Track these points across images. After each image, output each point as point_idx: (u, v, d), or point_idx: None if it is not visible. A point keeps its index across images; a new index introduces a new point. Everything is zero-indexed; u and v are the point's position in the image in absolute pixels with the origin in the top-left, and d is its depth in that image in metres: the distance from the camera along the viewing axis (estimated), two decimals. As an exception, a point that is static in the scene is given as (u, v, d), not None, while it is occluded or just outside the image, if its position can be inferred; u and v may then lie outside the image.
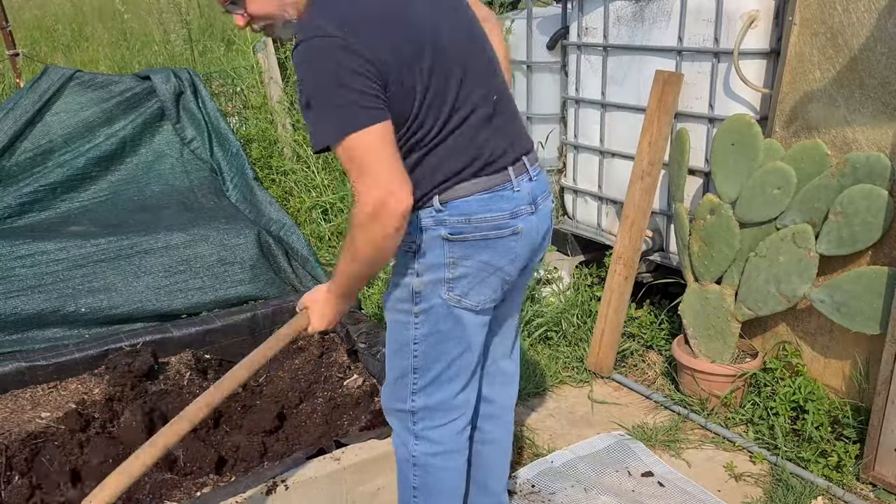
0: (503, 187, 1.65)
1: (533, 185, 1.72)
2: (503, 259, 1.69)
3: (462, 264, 1.66)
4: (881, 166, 2.39)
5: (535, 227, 1.73)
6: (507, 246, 1.68)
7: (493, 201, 1.64)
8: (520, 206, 1.68)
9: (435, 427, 1.82)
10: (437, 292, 1.68)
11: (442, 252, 1.65)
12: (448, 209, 1.63)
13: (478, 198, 1.63)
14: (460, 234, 1.64)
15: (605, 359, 3.18)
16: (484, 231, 1.64)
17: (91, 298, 2.90)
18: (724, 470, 2.59)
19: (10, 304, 2.78)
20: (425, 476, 1.85)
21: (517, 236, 1.68)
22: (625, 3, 3.23)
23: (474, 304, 1.70)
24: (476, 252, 1.65)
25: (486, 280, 1.69)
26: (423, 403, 1.79)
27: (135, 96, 3.62)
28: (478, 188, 1.63)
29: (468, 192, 1.62)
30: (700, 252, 2.86)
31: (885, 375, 2.36)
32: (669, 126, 3.02)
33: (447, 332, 1.72)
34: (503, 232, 1.66)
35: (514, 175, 1.68)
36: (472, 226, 1.63)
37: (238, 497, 2.07)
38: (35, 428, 2.39)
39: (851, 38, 2.46)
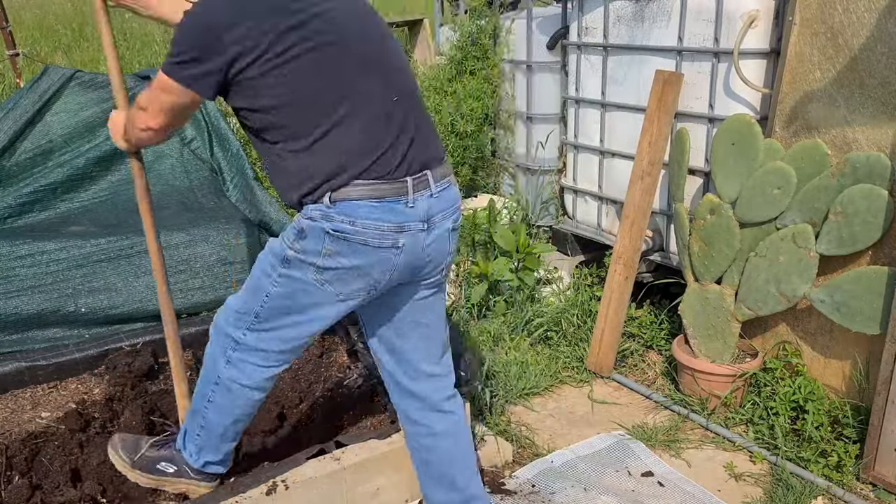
0: (396, 200, 1.66)
1: (431, 202, 1.71)
2: (376, 268, 1.70)
3: (336, 259, 1.69)
4: (881, 166, 2.38)
5: (422, 244, 1.73)
6: (383, 257, 1.69)
7: (381, 211, 1.65)
8: (409, 222, 1.68)
9: (250, 363, 1.89)
10: (305, 270, 1.73)
11: (321, 242, 1.68)
12: (336, 207, 1.65)
13: (368, 203, 1.64)
14: (342, 233, 1.66)
15: (605, 359, 3.18)
16: (365, 237, 1.66)
17: (91, 298, 2.90)
18: (724, 470, 2.59)
19: (10, 304, 2.78)
20: (223, 397, 1.94)
21: (398, 250, 1.69)
22: (625, 3, 3.23)
23: (335, 291, 1.74)
24: (351, 253, 1.68)
25: (354, 279, 1.72)
26: (252, 342, 1.86)
27: (135, 96, 3.60)
28: (371, 194, 1.64)
29: (361, 195, 1.64)
30: (700, 252, 2.86)
31: (885, 375, 2.36)
32: (669, 126, 3.02)
33: (300, 302, 1.77)
34: (383, 242, 1.67)
35: (413, 188, 1.68)
36: (354, 228, 1.65)
37: (238, 497, 2.07)
38: (35, 428, 2.39)
39: (851, 37, 2.46)
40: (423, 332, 1.95)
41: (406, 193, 1.67)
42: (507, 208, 4.02)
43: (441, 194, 1.74)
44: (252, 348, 1.87)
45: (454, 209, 1.79)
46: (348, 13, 1.69)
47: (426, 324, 1.94)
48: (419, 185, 1.69)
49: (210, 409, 1.98)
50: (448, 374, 2.05)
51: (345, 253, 1.68)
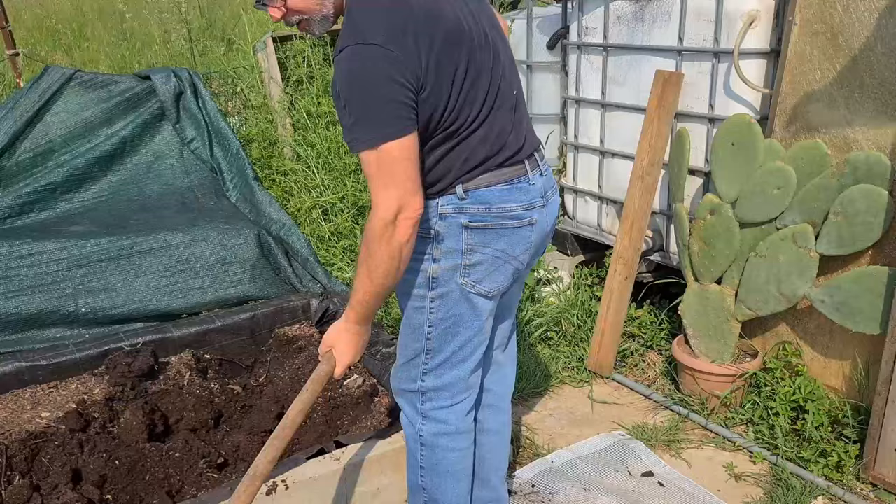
0: (521, 179, 1.72)
1: (544, 180, 1.80)
2: (518, 248, 1.75)
3: (479, 251, 1.71)
4: (881, 166, 2.38)
5: (546, 219, 1.81)
6: (522, 235, 1.74)
7: (511, 192, 1.70)
8: (535, 199, 1.74)
9: (442, 408, 1.85)
10: (453, 278, 1.72)
11: (460, 239, 1.70)
12: (470, 197, 1.68)
13: (499, 188, 1.69)
14: (480, 222, 1.69)
15: (605, 359, 3.18)
16: (503, 220, 1.70)
17: (91, 298, 2.90)
18: (724, 470, 2.59)
19: (10, 304, 2.78)
20: (432, 456, 1.88)
21: (532, 227, 1.75)
22: (625, 3, 3.23)
23: (487, 290, 1.75)
24: (494, 240, 1.71)
25: (500, 267, 1.74)
26: (432, 384, 1.83)
27: (135, 96, 3.62)
28: (499, 179, 1.69)
29: (490, 182, 1.69)
30: (700, 252, 2.86)
31: (885, 375, 2.36)
32: (669, 126, 3.02)
33: (461, 315, 1.76)
34: (520, 222, 1.72)
35: (530, 168, 1.75)
36: (491, 214, 1.69)
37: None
38: (35, 428, 2.39)
39: (852, 37, 2.46)
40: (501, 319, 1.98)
41: (527, 173, 1.74)
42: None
43: (547, 172, 1.83)
44: (437, 390, 1.84)
45: (556, 187, 1.88)
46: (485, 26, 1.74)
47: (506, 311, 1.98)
48: (533, 164, 1.77)
49: (427, 478, 1.92)
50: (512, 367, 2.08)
51: (487, 242, 1.71)
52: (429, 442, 1.88)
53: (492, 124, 1.69)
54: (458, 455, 1.90)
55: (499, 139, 1.70)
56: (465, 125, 1.65)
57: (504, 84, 1.73)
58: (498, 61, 1.72)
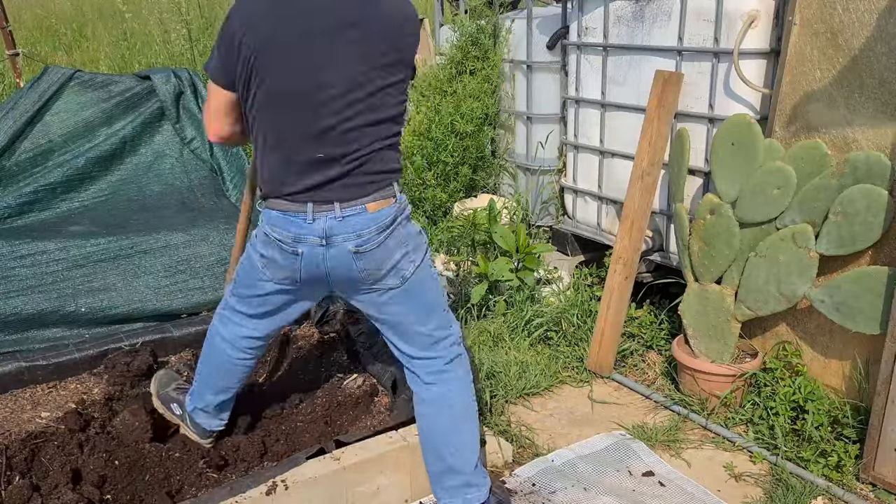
0: (296, 215, 1.96)
1: (333, 224, 1.95)
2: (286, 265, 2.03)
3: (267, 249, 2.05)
4: (881, 166, 2.38)
5: (322, 257, 1.99)
6: (288, 259, 2.02)
7: (283, 222, 1.98)
8: (307, 236, 1.96)
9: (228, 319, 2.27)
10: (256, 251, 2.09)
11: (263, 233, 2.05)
12: (265, 211, 2.04)
13: (277, 213, 1.99)
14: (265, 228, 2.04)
15: (605, 359, 3.18)
16: (275, 237, 2.00)
17: (91, 298, 2.90)
18: (724, 470, 2.59)
19: (10, 304, 2.78)
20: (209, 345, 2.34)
21: (297, 257, 2.00)
22: (625, 3, 3.23)
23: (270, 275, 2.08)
24: (271, 248, 2.03)
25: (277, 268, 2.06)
26: (231, 302, 2.25)
27: (135, 96, 3.61)
28: (279, 206, 1.99)
29: (272, 206, 2.01)
30: (700, 252, 2.86)
31: (885, 375, 2.36)
32: (669, 126, 3.02)
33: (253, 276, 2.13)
34: (286, 248, 2.00)
35: (313, 210, 1.95)
36: (270, 227, 2.01)
37: (238, 497, 2.07)
38: (35, 428, 2.39)
39: (852, 37, 2.46)
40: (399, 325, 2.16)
41: (304, 212, 1.95)
42: (506, 208, 4.02)
43: (349, 219, 1.96)
44: (231, 307, 2.25)
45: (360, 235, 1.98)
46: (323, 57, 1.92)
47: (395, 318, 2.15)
48: (322, 209, 1.95)
49: (201, 361, 2.37)
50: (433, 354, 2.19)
51: (269, 247, 2.03)
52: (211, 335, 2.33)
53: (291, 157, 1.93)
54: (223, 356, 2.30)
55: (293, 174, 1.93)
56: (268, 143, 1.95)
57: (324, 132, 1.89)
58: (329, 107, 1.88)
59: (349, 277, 2.04)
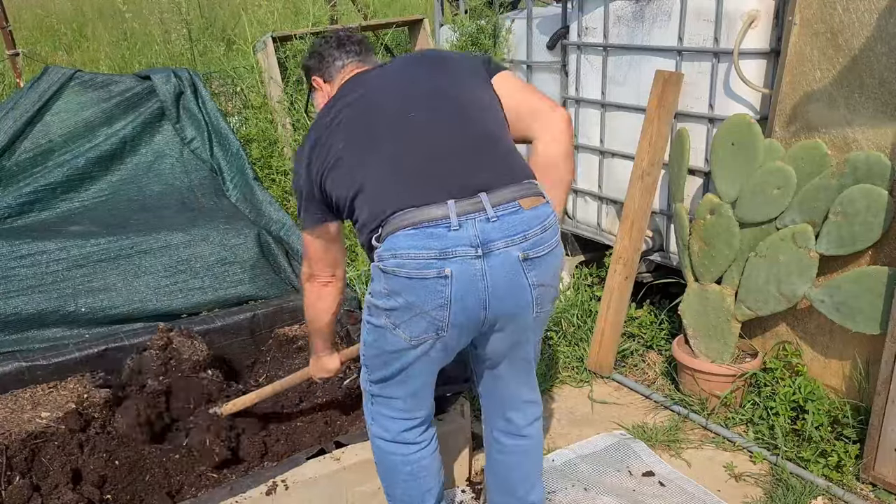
0: (435, 224, 1.56)
1: (486, 227, 1.57)
2: (429, 302, 1.59)
3: (394, 298, 1.63)
4: (881, 166, 2.38)
5: (480, 273, 1.57)
6: (433, 288, 1.57)
7: (418, 238, 1.56)
8: (455, 247, 1.55)
9: (385, 416, 1.90)
10: (379, 316, 1.71)
11: (380, 282, 1.65)
12: (383, 244, 1.62)
13: (405, 233, 1.58)
14: (390, 269, 1.60)
15: (605, 359, 3.18)
16: (407, 269, 1.57)
17: (91, 298, 2.90)
18: (724, 470, 2.59)
19: (10, 304, 2.78)
20: (379, 454, 1.96)
21: (445, 280, 1.56)
22: (625, 3, 3.23)
23: (406, 336, 1.67)
24: (403, 290, 1.60)
25: (414, 318, 1.63)
26: (377, 392, 1.88)
27: (135, 96, 3.62)
28: (405, 223, 1.58)
29: (395, 228, 1.59)
30: (700, 252, 2.86)
31: (885, 375, 2.36)
32: (669, 126, 3.02)
33: (385, 350, 1.74)
34: (427, 273, 1.56)
35: (456, 211, 1.56)
36: (396, 260, 1.58)
37: (238, 497, 2.07)
38: (35, 428, 2.39)
39: (852, 37, 2.46)
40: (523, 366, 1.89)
41: (446, 216, 1.56)
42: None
43: (505, 217, 1.58)
44: (379, 397, 1.88)
45: (526, 235, 1.60)
46: None
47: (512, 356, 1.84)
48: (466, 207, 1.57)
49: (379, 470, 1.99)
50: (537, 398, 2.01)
51: (397, 290, 1.61)
52: (374, 441, 1.96)
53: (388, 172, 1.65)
54: (398, 459, 1.91)
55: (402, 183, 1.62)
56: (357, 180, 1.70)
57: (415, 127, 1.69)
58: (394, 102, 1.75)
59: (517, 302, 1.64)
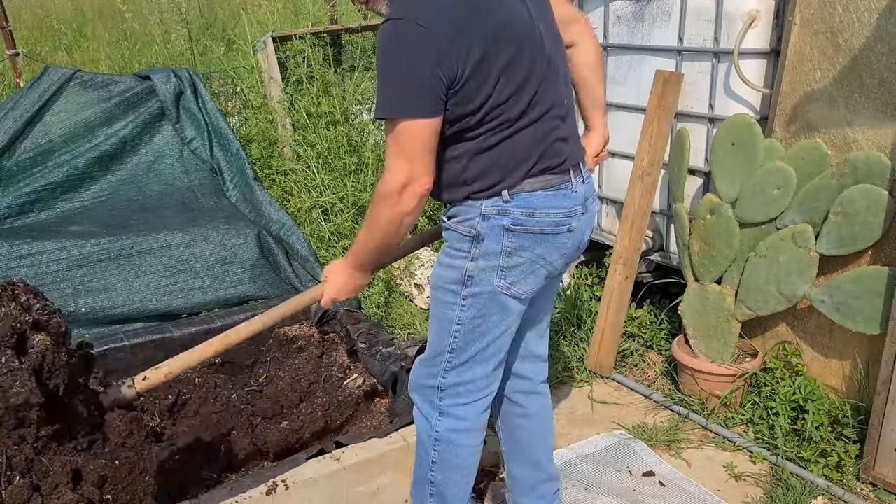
0: (565, 186, 1.76)
1: (585, 188, 1.84)
2: (555, 253, 1.79)
3: (518, 254, 1.74)
4: (881, 166, 2.38)
5: (584, 226, 1.85)
6: (560, 241, 1.78)
7: (555, 199, 1.74)
8: (576, 206, 1.78)
9: (461, 404, 1.88)
10: (489, 279, 1.75)
11: (501, 241, 1.72)
12: (515, 200, 1.71)
13: (544, 193, 1.73)
14: (522, 226, 1.72)
15: (605, 359, 3.18)
16: (543, 226, 1.74)
17: (91, 298, 2.90)
18: (724, 470, 2.59)
19: (10, 304, 2.78)
20: (446, 451, 1.92)
21: (570, 234, 1.79)
22: (625, 3, 3.23)
23: (521, 293, 1.79)
24: (533, 245, 1.75)
25: (536, 271, 1.78)
26: (453, 380, 1.86)
27: (135, 96, 3.62)
28: (544, 185, 1.73)
29: (535, 188, 1.72)
30: (700, 252, 2.86)
31: (885, 375, 2.36)
32: (669, 126, 3.02)
33: (490, 316, 1.79)
34: (559, 228, 1.76)
35: (574, 176, 1.79)
36: (534, 219, 1.72)
37: (238, 497, 2.07)
38: (35, 428, 2.39)
39: (852, 37, 2.46)
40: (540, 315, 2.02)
41: (570, 180, 1.77)
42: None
43: (588, 180, 1.87)
44: (457, 386, 1.87)
45: (595, 195, 1.92)
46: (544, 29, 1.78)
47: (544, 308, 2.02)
48: (576, 172, 1.81)
49: (437, 473, 1.95)
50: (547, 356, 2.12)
51: (526, 246, 1.74)
52: (444, 437, 1.91)
53: (540, 128, 1.72)
54: (471, 451, 1.95)
55: (547, 144, 1.74)
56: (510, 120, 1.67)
57: (555, 92, 1.76)
58: (552, 68, 1.74)
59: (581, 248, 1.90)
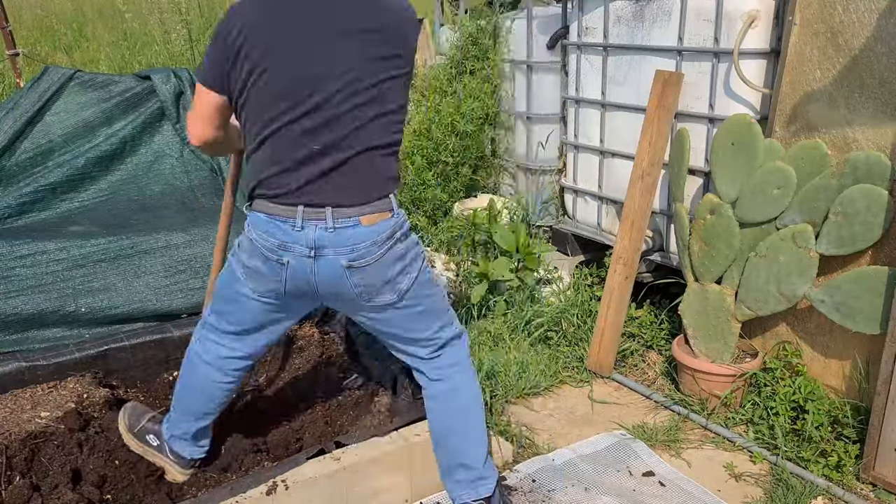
0: (284, 220, 1.87)
1: (324, 235, 1.87)
2: (270, 275, 1.94)
3: (251, 259, 1.96)
4: (881, 166, 2.39)
5: (311, 270, 1.90)
6: (272, 267, 1.93)
7: (270, 226, 1.89)
8: (293, 244, 1.88)
9: (207, 339, 2.18)
10: (238, 262, 2.01)
11: (247, 240, 1.96)
12: (250, 214, 1.95)
13: (264, 217, 1.91)
14: (251, 234, 1.95)
15: (605, 359, 3.18)
16: (259, 245, 1.92)
17: (91, 298, 2.90)
18: (725, 470, 2.59)
19: (10, 304, 2.78)
20: (189, 369, 2.23)
21: (283, 266, 1.91)
22: (625, 3, 3.23)
23: (251, 287, 2.00)
24: (255, 256, 1.94)
25: (260, 279, 1.97)
26: (210, 321, 2.17)
27: (135, 96, 3.61)
28: (265, 210, 1.90)
29: (258, 209, 1.92)
30: (700, 252, 2.86)
31: (885, 375, 2.36)
32: (669, 126, 3.02)
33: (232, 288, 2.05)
34: (270, 255, 1.91)
35: (303, 216, 1.86)
36: (255, 235, 1.93)
37: (238, 497, 2.07)
38: (35, 428, 2.39)
39: (852, 37, 2.46)
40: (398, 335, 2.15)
41: (293, 217, 1.87)
42: (507, 208, 4.02)
43: (342, 231, 1.88)
44: (210, 325, 2.17)
45: (354, 251, 1.90)
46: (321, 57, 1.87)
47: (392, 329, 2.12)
48: (312, 215, 1.87)
49: (180, 384, 2.26)
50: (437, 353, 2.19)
51: (254, 255, 1.95)
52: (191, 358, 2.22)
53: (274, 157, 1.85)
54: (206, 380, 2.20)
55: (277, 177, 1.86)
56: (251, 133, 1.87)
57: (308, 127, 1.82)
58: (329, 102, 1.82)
59: (340, 293, 1.96)
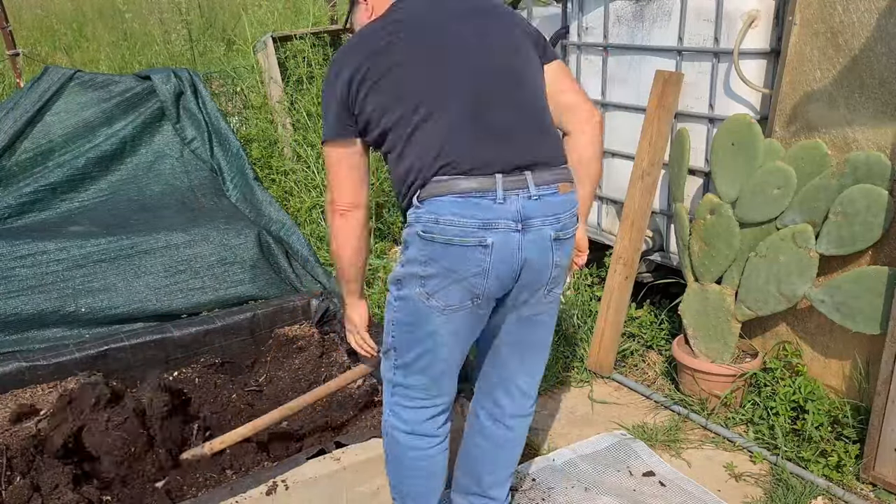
0: (482, 195, 1.61)
1: (529, 204, 1.64)
2: (468, 269, 1.64)
3: (432, 264, 1.66)
4: (881, 166, 2.39)
5: (518, 246, 1.65)
6: (471, 256, 1.63)
7: (464, 206, 1.61)
8: (497, 220, 1.62)
9: (405, 407, 1.89)
10: (412, 285, 1.72)
11: (417, 248, 1.68)
12: (424, 206, 1.65)
13: (451, 199, 1.62)
14: (429, 234, 1.64)
15: (605, 359, 3.18)
16: (449, 235, 1.62)
17: (91, 298, 2.90)
18: (725, 470, 2.59)
19: (10, 304, 2.78)
20: (393, 448, 1.95)
21: (485, 249, 1.62)
22: (625, 3, 3.23)
23: (440, 305, 1.70)
24: (440, 255, 1.65)
25: (451, 285, 1.67)
26: (400, 380, 1.86)
27: (135, 96, 3.62)
28: (453, 189, 1.62)
29: (442, 192, 1.62)
30: (700, 252, 2.86)
31: (885, 375, 2.36)
32: (669, 126, 3.02)
33: (416, 324, 1.75)
34: (468, 240, 1.61)
35: (503, 186, 1.62)
36: (439, 227, 1.63)
37: (238, 497, 2.07)
38: (35, 428, 2.39)
39: (852, 37, 2.46)
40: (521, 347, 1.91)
41: (493, 189, 1.61)
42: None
43: (546, 198, 1.66)
44: (402, 387, 1.86)
45: (561, 219, 1.69)
46: None
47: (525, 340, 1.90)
48: (512, 183, 1.63)
49: (389, 467, 1.99)
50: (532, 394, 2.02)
51: (435, 257, 1.64)
52: (390, 434, 1.94)
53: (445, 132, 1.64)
54: (417, 455, 1.92)
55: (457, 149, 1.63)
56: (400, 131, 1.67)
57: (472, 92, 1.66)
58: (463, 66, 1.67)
59: (538, 279, 1.72)
